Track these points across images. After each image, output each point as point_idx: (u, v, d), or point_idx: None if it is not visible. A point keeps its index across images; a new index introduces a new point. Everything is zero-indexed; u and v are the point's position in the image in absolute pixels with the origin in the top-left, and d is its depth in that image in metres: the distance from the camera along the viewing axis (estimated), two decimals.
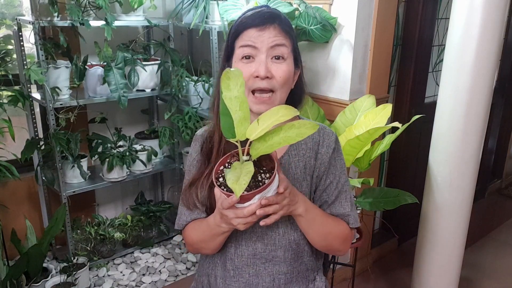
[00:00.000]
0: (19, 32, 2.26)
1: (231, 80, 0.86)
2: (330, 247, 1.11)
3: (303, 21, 2.07)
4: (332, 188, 1.10)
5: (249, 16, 1.05)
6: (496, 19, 1.74)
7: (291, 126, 0.86)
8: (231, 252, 1.10)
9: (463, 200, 1.99)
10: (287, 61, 1.04)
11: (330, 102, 2.24)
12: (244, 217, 0.90)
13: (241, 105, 0.86)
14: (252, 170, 0.83)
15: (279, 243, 1.08)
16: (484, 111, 1.87)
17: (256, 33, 1.02)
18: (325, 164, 1.09)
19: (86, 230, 2.56)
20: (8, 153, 2.23)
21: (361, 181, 1.78)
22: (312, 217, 1.03)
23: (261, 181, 0.88)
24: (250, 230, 1.08)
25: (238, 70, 0.88)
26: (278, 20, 1.04)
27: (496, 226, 3.27)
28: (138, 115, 2.91)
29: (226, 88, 0.86)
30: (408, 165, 2.74)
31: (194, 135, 1.18)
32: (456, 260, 2.10)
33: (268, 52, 1.02)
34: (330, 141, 1.10)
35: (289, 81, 1.06)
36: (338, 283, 2.48)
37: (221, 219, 0.97)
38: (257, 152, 0.86)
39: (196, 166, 1.13)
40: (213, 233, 1.04)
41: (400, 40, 2.51)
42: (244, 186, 0.80)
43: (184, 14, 2.55)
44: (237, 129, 0.86)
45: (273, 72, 1.02)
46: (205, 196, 1.08)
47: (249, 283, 1.10)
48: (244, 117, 0.86)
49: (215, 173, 0.90)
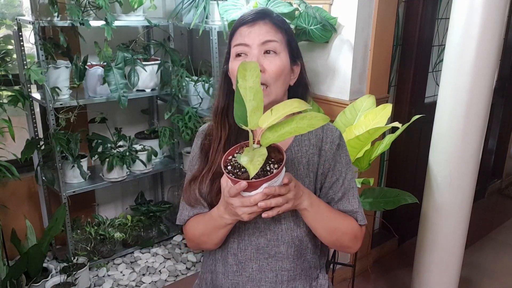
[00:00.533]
0: (19, 32, 2.26)
1: (247, 71, 0.89)
2: (340, 244, 1.10)
3: (303, 21, 2.07)
4: (339, 185, 1.09)
5: (242, 16, 1.08)
6: (496, 19, 1.74)
7: (303, 117, 0.88)
8: (234, 247, 1.10)
9: (463, 200, 1.99)
10: (280, 55, 1.05)
11: (330, 102, 2.24)
12: (250, 206, 0.90)
13: (255, 95, 0.89)
14: (266, 153, 0.85)
15: (282, 238, 1.08)
16: (484, 111, 1.87)
17: (247, 29, 1.04)
18: (329, 160, 1.09)
19: (86, 230, 2.56)
20: (8, 153, 2.23)
21: (361, 181, 1.78)
22: (318, 212, 1.03)
23: (269, 171, 0.89)
24: (252, 225, 1.08)
25: (255, 63, 0.90)
26: (268, 17, 1.06)
27: (496, 226, 3.27)
28: (138, 115, 2.91)
29: (242, 78, 0.89)
30: (408, 165, 2.74)
31: (197, 130, 1.19)
32: (456, 260, 2.10)
33: (260, 47, 1.03)
34: (334, 137, 1.10)
35: (284, 75, 1.06)
36: (338, 283, 2.48)
37: (225, 209, 0.98)
38: (268, 141, 0.88)
39: (197, 162, 1.14)
40: (216, 225, 1.04)
41: (400, 40, 2.51)
42: (259, 166, 0.82)
43: (184, 14, 2.55)
44: (250, 118, 0.89)
45: (265, 66, 1.03)
46: (206, 192, 1.09)
47: (252, 278, 1.10)
48: (257, 107, 0.89)
49: (223, 161, 0.91)
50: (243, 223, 1.08)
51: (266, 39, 1.03)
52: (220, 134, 1.09)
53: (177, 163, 2.79)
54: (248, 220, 0.95)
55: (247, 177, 0.87)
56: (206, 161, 1.11)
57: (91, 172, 2.58)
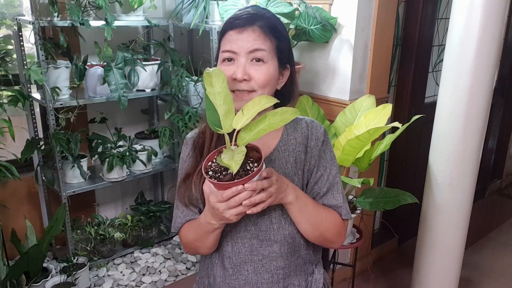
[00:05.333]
0: (19, 32, 2.26)
1: (213, 77, 0.91)
2: (323, 238, 1.11)
3: (303, 21, 2.07)
4: (324, 181, 1.11)
5: (232, 17, 1.06)
6: (496, 19, 1.74)
7: (275, 113, 0.91)
8: (228, 251, 1.11)
9: (463, 200, 1.99)
10: (267, 64, 1.04)
11: (330, 102, 2.24)
12: (235, 207, 0.91)
13: (224, 99, 0.91)
14: (245, 150, 0.88)
15: (274, 238, 1.08)
16: (484, 111, 1.87)
17: (235, 35, 1.03)
18: (315, 157, 1.10)
19: (86, 230, 2.56)
20: (8, 153, 2.23)
21: (361, 181, 1.78)
22: (303, 205, 1.04)
23: (250, 169, 0.91)
24: (243, 228, 1.09)
25: (219, 69, 0.93)
26: (258, 22, 1.03)
27: (496, 226, 3.27)
28: (138, 115, 2.91)
29: (209, 85, 0.91)
30: (408, 165, 2.74)
31: (184, 138, 1.19)
32: (456, 260, 2.10)
33: (247, 55, 1.03)
34: (318, 134, 1.11)
35: (271, 83, 1.06)
36: (338, 283, 2.48)
37: (211, 215, 0.99)
38: (244, 141, 0.90)
39: (189, 162, 1.14)
40: (205, 231, 1.05)
41: (400, 40, 2.51)
42: (240, 161, 0.84)
43: (184, 14, 2.55)
44: (223, 122, 0.91)
45: (251, 75, 1.03)
46: (199, 193, 1.09)
47: (248, 280, 1.11)
48: (228, 110, 0.91)
49: (204, 168, 0.93)
50: (234, 226, 1.08)
51: (254, 48, 1.02)
52: (212, 132, 1.09)
53: (177, 163, 2.78)
54: (236, 220, 0.96)
55: (229, 179, 0.89)
56: (199, 159, 1.11)
57: (91, 172, 2.58)
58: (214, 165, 0.93)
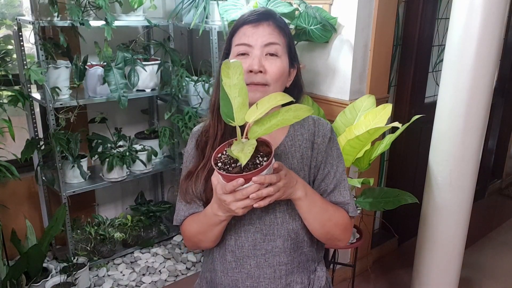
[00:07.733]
0: (19, 32, 2.26)
1: (231, 69, 0.91)
2: (330, 236, 1.11)
3: (303, 21, 2.07)
4: (331, 178, 1.11)
5: (245, 14, 1.09)
6: (496, 19, 1.74)
7: (288, 110, 0.90)
8: (232, 244, 1.11)
9: (463, 200, 1.99)
10: (281, 58, 1.07)
11: (330, 102, 2.24)
12: (242, 200, 0.92)
13: (240, 92, 0.91)
14: (255, 143, 0.87)
15: (278, 232, 1.09)
16: (484, 111, 1.87)
17: (251, 29, 1.06)
18: (321, 153, 1.11)
19: (86, 230, 2.57)
20: (8, 153, 2.24)
21: (361, 181, 1.78)
22: (312, 202, 1.05)
23: (259, 163, 0.91)
24: (248, 221, 1.09)
25: (238, 61, 0.93)
26: (272, 18, 1.08)
27: (496, 226, 3.27)
28: (138, 115, 2.91)
29: (226, 76, 0.91)
30: (408, 165, 2.74)
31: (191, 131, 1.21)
32: (456, 260, 2.10)
33: (262, 49, 1.05)
34: (325, 131, 1.13)
35: (283, 77, 1.09)
36: (338, 283, 2.48)
37: (218, 207, 0.99)
38: (255, 134, 0.90)
39: (192, 160, 1.15)
40: (211, 223, 1.05)
41: (400, 40, 2.51)
42: (249, 154, 0.84)
43: (184, 14, 2.55)
44: (236, 114, 0.91)
45: (266, 67, 1.05)
46: (202, 189, 1.10)
47: (251, 274, 1.11)
48: (243, 103, 0.91)
49: (213, 159, 0.92)
50: (238, 220, 1.09)
51: (270, 41, 1.06)
52: (216, 130, 1.11)
53: (177, 163, 2.79)
54: (242, 214, 0.97)
55: (238, 172, 0.89)
56: (202, 158, 1.12)
57: (91, 172, 2.58)
58: (224, 157, 0.93)
